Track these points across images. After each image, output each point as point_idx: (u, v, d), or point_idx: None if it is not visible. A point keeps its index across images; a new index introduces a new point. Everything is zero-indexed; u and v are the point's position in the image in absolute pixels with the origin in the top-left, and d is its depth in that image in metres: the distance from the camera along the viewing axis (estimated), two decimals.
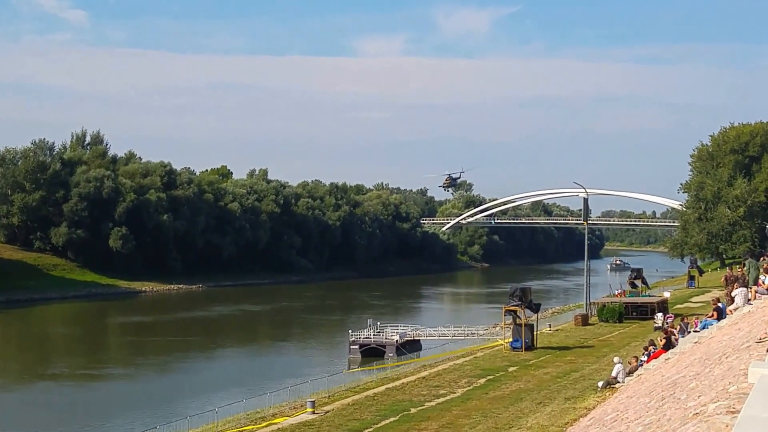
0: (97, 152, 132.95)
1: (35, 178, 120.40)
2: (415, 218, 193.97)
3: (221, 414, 36.31)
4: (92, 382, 55.46)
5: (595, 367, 42.17)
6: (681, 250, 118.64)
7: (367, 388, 41.04)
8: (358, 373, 49.94)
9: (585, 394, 31.70)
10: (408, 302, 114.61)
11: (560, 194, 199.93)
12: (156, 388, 53.25)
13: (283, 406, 38.18)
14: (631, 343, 49.17)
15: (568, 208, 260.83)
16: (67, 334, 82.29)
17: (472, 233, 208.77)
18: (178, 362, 62.84)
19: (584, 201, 77.15)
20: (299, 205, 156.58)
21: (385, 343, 61.77)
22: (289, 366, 59.05)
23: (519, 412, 31.82)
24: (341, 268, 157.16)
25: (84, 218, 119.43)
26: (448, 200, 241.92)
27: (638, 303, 68.25)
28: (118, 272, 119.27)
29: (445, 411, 33.48)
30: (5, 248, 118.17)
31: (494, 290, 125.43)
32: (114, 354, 69.94)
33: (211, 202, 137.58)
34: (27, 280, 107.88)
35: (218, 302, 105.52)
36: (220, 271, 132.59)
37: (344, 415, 33.96)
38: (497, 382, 40.21)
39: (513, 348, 50.87)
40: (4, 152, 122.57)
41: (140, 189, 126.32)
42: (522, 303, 51.50)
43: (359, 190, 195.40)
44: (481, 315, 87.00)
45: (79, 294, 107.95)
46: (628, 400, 19.10)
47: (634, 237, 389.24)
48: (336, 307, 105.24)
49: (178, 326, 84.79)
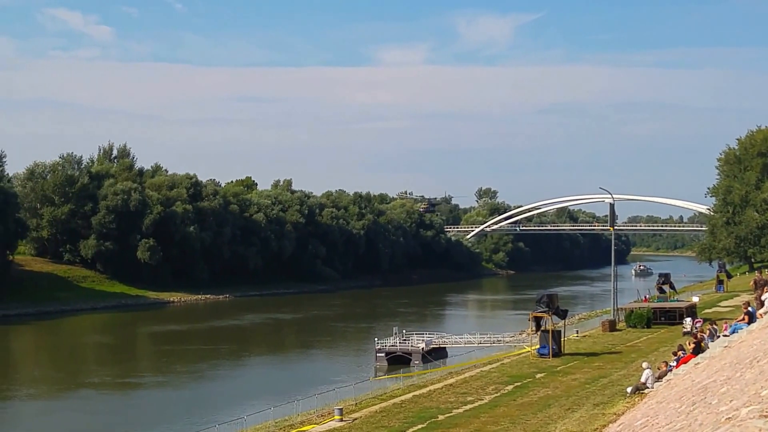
0: (124, 165, 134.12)
1: (64, 192, 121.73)
2: (439, 226, 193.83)
3: (250, 422, 36.49)
4: (126, 390, 56.17)
5: (624, 372, 41.95)
6: (709, 254, 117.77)
7: (394, 396, 41.05)
8: (385, 380, 49.95)
9: (614, 399, 31.56)
10: (433, 310, 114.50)
11: (586, 200, 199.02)
12: (186, 395, 53.70)
13: (310, 413, 38.28)
14: (660, 349, 48.86)
15: (593, 214, 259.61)
16: (100, 344, 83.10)
17: (497, 240, 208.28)
18: (208, 370, 63.26)
19: (610, 206, 76.68)
20: (324, 215, 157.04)
21: (411, 350, 61.78)
22: (316, 374, 59.25)
23: (547, 418, 31.72)
24: (366, 276, 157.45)
25: (112, 230, 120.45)
26: (472, 208, 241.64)
27: (666, 308, 67.79)
28: (146, 283, 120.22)
29: (473, 418, 33.42)
30: (36, 261, 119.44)
31: (520, 297, 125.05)
32: (146, 363, 70.53)
33: (237, 213, 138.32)
34: (57, 292, 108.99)
35: (245, 312, 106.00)
36: (246, 281, 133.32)
37: (372, 423, 33.98)
38: (525, 388, 40.09)
39: (540, 354, 50.69)
40: (33, 166, 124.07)
41: (167, 201, 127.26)
42: (549, 309, 51.31)
43: (383, 198, 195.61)
44: (507, 322, 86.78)
45: (109, 305, 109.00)
46: (658, 406, 19.04)
47: (661, 242, 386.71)
48: (362, 316, 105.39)
49: (207, 335, 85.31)
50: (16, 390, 57.38)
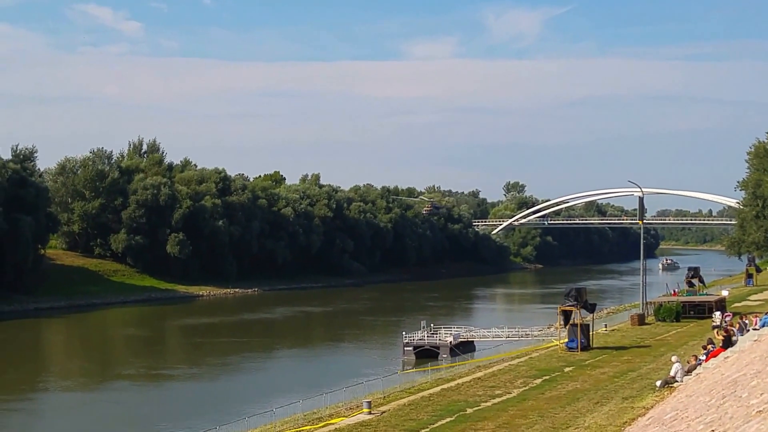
0: (153, 160, 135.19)
1: (94, 187, 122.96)
2: (467, 220, 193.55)
3: (279, 414, 36.78)
4: (159, 382, 56.95)
5: (653, 366, 41.83)
6: (738, 248, 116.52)
7: (422, 389, 41.19)
8: (413, 374, 50.16)
9: (643, 393, 31.50)
10: (461, 303, 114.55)
11: (614, 194, 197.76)
12: (217, 387, 54.29)
13: (339, 406, 38.50)
14: (689, 342, 48.66)
15: (622, 208, 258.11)
16: (132, 337, 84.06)
17: (525, 234, 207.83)
18: (238, 363, 63.82)
19: (639, 200, 76.26)
20: (351, 209, 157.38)
21: (438, 344, 61.92)
22: (344, 367, 59.57)
23: (576, 411, 31.73)
24: (393, 270, 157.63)
25: (142, 225, 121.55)
26: (500, 202, 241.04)
27: (696, 302, 67.43)
28: (175, 277, 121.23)
29: (502, 411, 33.50)
30: (67, 255, 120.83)
31: (548, 291, 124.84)
32: (177, 355, 71.27)
33: (265, 208, 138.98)
34: (88, 286, 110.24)
35: (274, 305, 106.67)
36: (274, 275, 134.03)
37: (400, 416, 34.14)
38: (553, 382, 40.09)
39: (569, 348, 50.64)
40: (64, 161, 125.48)
41: (196, 195, 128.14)
42: (577, 303, 51.24)
43: (411, 192, 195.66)
44: (535, 316, 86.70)
45: (139, 298, 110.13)
46: (688, 399, 19.06)
47: (690, 236, 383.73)
48: (389, 309, 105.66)
49: (237, 328, 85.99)
50: (53, 382, 58.35)
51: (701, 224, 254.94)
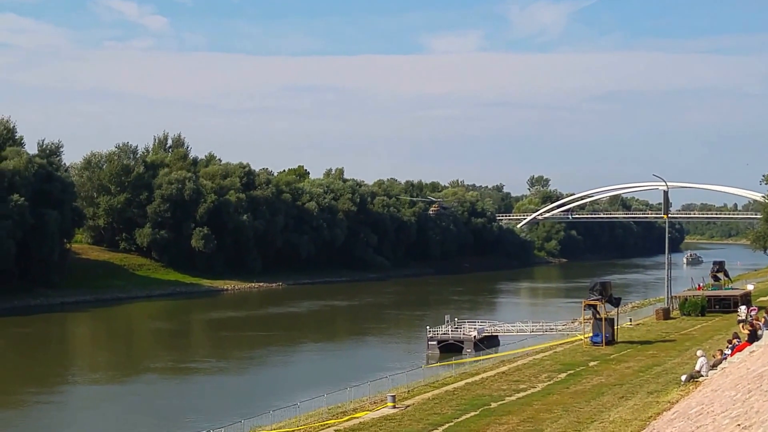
0: (178, 155, 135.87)
1: (120, 181, 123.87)
2: (491, 214, 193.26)
3: (303, 408, 36.92)
4: (185, 375, 57.41)
5: (678, 360, 41.71)
6: (764, 242, 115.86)
7: (446, 383, 41.28)
8: (437, 368, 50.17)
9: (668, 388, 31.43)
10: (485, 298, 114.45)
11: (639, 188, 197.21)
12: (242, 381, 54.73)
13: (363, 400, 38.59)
14: (714, 337, 48.45)
15: (647, 202, 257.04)
16: (158, 330, 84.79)
17: (549, 228, 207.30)
18: (263, 357, 64.18)
19: (664, 194, 76.04)
20: (375, 203, 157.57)
21: (462, 338, 61.95)
22: (368, 361, 59.77)
23: (601, 406, 31.72)
24: (417, 264, 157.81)
25: (167, 219, 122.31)
26: (524, 196, 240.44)
27: (721, 296, 67.09)
28: (200, 271, 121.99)
29: (526, 405, 33.54)
30: (92, 249, 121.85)
31: (572, 285, 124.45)
32: (203, 349, 71.71)
33: (289, 202, 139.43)
34: (114, 280, 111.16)
35: (299, 299, 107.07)
36: (298, 269, 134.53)
37: (425, 410, 34.25)
38: (578, 376, 40.06)
39: (593, 342, 50.56)
40: (89, 156, 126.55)
41: (220, 190, 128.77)
42: (602, 297, 51.12)
43: (435, 187, 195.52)
44: (559, 310, 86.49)
45: (164, 292, 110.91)
46: (713, 394, 19.03)
47: (715, 230, 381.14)
48: (414, 303, 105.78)
49: (262, 322, 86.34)
50: (82, 375, 59.05)
51: (726, 218, 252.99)
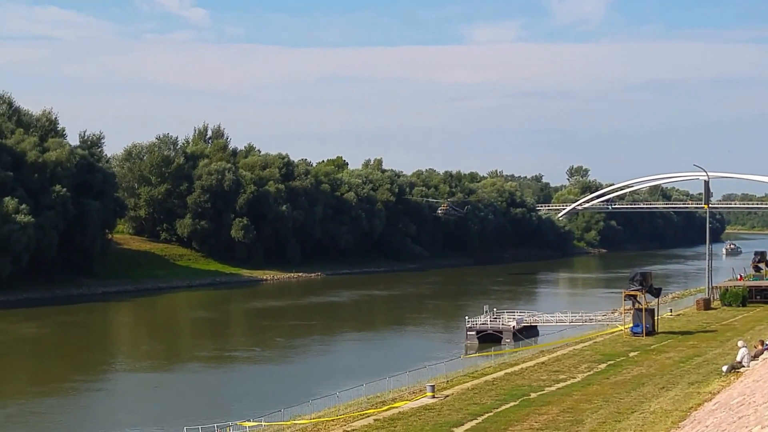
0: (218, 146, 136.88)
1: (160, 172, 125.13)
2: (530, 204, 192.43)
3: (343, 398, 37.21)
4: (228, 364, 58.01)
5: (719, 351, 41.43)
6: None
7: (485, 374, 41.34)
8: (476, 358, 50.23)
9: (709, 378, 31.28)
10: (524, 288, 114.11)
11: (679, 178, 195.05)
12: (283, 370, 55.22)
13: (402, 390, 38.79)
14: (756, 327, 48.06)
15: (687, 192, 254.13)
16: (200, 319, 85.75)
17: (589, 219, 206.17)
18: (304, 346, 64.69)
19: (705, 184, 75.28)
20: (414, 194, 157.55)
21: (502, 329, 61.90)
22: (407, 351, 59.91)
23: (641, 396, 31.64)
24: (455, 255, 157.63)
25: (207, 210, 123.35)
26: (564, 186, 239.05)
27: (762, 286, 66.40)
28: (240, 261, 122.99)
29: (566, 396, 33.53)
30: (134, 239, 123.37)
31: (612, 275, 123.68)
32: (245, 338, 72.38)
33: (328, 193, 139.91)
34: (155, 270, 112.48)
35: (338, 289, 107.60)
36: (337, 259, 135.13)
37: (464, 400, 34.37)
38: (618, 367, 39.94)
39: (633, 333, 50.37)
40: (130, 147, 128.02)
41: (260, 181, 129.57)
42: (642, 288, 50.88)
43: (473, 177, 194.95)
44: (599, 300, 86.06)
45: (204, 282, 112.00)
46: (755, 384, 18.94)
47: (756, 220, 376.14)
48: (452, 294, 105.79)
49: (302, 312, 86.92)
50: (129, 363, 59.94)
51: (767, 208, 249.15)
